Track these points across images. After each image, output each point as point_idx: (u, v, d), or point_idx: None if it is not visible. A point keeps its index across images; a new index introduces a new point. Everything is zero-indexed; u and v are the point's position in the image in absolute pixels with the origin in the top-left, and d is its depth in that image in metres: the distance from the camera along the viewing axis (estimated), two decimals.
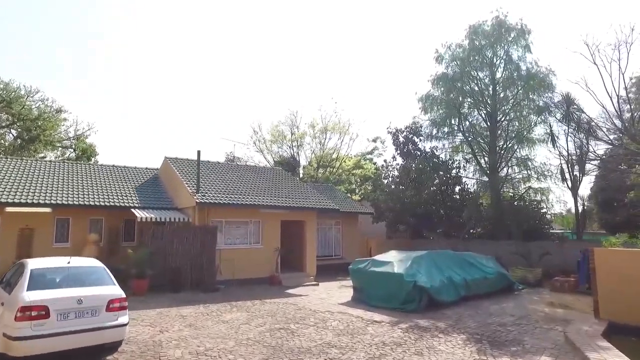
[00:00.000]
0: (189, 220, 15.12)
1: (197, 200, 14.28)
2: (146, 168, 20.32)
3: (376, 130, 71.68)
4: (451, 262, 13.36)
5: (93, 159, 31.42)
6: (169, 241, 14.02)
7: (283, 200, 16.97)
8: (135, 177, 18.72)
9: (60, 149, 30.46)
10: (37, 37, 64.57)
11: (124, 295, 6.69)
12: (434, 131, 25.98)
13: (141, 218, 14.11)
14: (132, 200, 15.98)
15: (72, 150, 30.61)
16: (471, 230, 24.99)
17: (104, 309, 6.29)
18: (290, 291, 14.61)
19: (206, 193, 15.19)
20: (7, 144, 27.74)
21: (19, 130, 27.95)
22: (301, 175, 34.45)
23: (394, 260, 12.52)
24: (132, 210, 14.94)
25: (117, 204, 15.38)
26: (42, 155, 28.60)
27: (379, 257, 13.28)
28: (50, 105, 29.35)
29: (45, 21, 67.42)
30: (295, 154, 35.11)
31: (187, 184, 15.53)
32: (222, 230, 15.51)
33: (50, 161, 18.83)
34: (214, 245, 14.74)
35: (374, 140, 35.06)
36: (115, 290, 6.69)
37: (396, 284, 11.59)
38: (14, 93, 27.35)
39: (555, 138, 21.06)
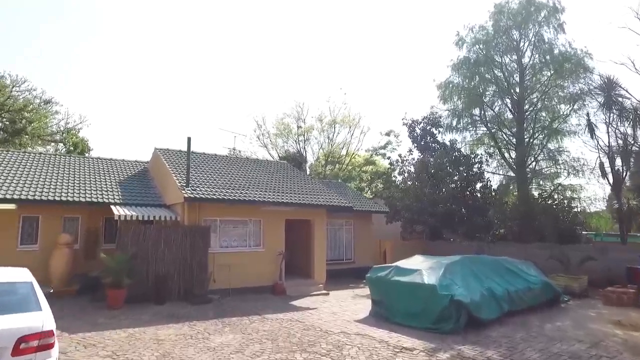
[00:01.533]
0: (177, 218, 12.96)
1: (185, 195, 12.12)
2: (135, 161, 18.21)
3: (390, 123, 67.05)
4: (489, 269, 11.07)
5: (86, 154, 29.44)
6: (152, 243, 11.87)
7: (288, 196, 14.74)
8: (121, 170, 16.61)
9: (51, 143, 28.47)
10: (27, 29, 62.78)
11: (49, 327, 4.51)
12: (454, 122, 23.72)
13: (119, 216, 11.96)
14: (113, 195, 13.85)
15: (62, 144, 28.61)
16: (495, 232, 22.70)
17: (9, 351, 4.11)
18: (296, 303, 12.39)
19: (197, 187, 13.03)
20: None
21: (4, 122, 25.98)
22: (308, 172, 32.28)
23: (423, 268, 10.27)
24: (112, 207, 12.81)
25: (95, 200, 13.24)
26: (29, 150, 26.62)
27: (403, 264, 11.02)
28: (39, 96, 27.43)
29: (33, 11, 65.64)
30: (301, 149, 32.93)
31: (176, 177, 13.38)
32: (217, 231, 13.34)
33: (24, 152, 16.71)
34: (206, 249, 12.58)
35: (387, 134, 32.65)
36: (35, 319, 4.51)
37: (427, 297, 9.34)
38: None
39: (594, 127, 18.65)
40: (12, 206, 12.46)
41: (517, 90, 22.02)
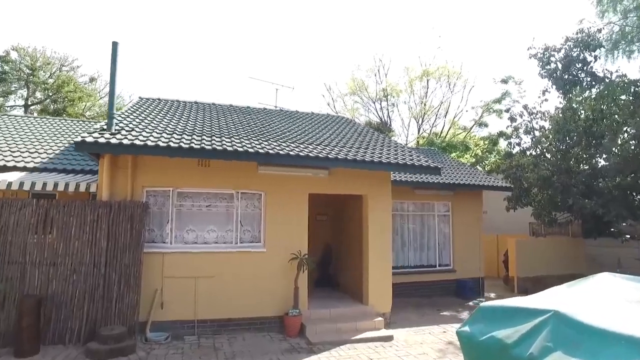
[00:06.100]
0: (89, 188, 7.24)
1: (87, 139, 6.20)
2: None
3: (506, 68, 47.41)
4: None
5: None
6: (31, 235, 6.30)
7: (312, 147, 7.97)
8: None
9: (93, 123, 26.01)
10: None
11: None
12: (623, 41, 14.38)
13: None
14: (33, 159, 8.80)
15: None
16: None
17: None
18: None
19: (132, 131, 7.07)
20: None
21: (46, 101, 24.03)
22: None
23: None
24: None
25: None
26: None
27: (579, 308, 3.32)
28: (85, 74, 25.14)
29: None
30: (386, 117, 25.91)
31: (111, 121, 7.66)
32: (171, 212, 7.31)
33: None
34: (137, 244, 6.61)
35: (504, 81, 22.75)
36: None
37: None
38: (39, 61, 23.46)
39: None
40: None
41: None
